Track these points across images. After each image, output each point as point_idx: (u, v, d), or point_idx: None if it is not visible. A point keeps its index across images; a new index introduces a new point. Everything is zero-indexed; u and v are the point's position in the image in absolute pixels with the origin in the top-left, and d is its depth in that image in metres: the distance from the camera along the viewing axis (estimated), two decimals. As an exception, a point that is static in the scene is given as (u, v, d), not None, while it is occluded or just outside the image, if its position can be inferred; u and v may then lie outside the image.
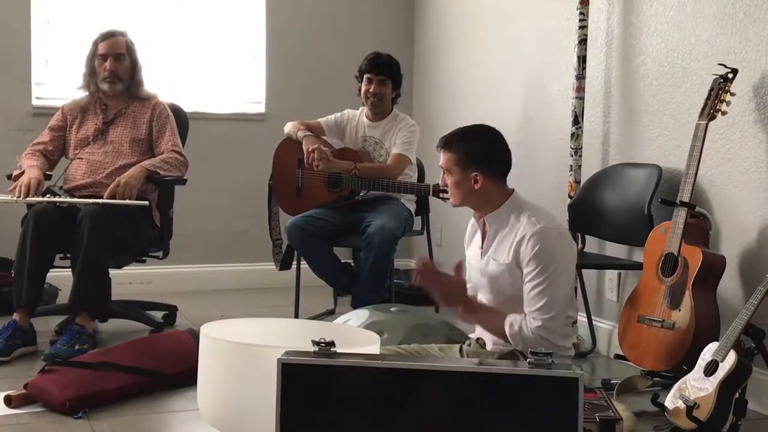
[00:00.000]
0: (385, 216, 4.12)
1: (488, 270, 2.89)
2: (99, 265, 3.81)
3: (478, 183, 2.83)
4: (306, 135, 4.31)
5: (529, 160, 4.39)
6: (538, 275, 2.74)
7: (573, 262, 2.86)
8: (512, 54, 4.71)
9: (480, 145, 2.84)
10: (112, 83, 4.10)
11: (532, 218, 2.79)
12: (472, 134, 2.88)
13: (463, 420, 2.11)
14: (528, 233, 2.76)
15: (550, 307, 2.73)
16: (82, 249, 3.72)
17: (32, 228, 3.72)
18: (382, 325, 3.48)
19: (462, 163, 2.83)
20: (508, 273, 2.81)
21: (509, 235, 2.82)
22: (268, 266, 4.64)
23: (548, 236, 2.76)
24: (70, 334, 3.69)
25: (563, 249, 2.80)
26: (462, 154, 2.83)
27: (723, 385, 2.70)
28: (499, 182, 2.87)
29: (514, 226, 2.81)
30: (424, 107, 5.56)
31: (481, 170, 2.82)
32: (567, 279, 2.80)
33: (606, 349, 3.93)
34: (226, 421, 2.71)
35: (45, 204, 3.81)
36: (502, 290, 2.86)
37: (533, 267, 2.74)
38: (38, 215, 3.75)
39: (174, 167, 4.09)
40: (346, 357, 2.19)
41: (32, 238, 3.71)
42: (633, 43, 3.86)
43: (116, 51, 4.10)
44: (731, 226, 3.34)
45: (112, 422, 2.94)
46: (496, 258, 2.85)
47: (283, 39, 5.44)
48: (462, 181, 2.85)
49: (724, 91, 3.22)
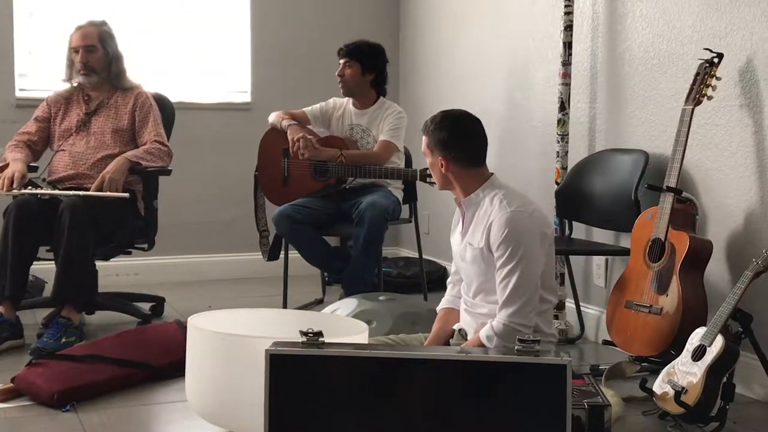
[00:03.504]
0: (375, 195, 4.12)
1: (466, 254, 2.90)
2: (81, 257, 3.78)
3: (443, 166, 2.88)
4: (290, 124, 4.29)
5: (516, 147, 4.39)
6: (507, 260, 2.74)
7: (547, 243, 2.83)
8: (498, 41, 4.70)
9: (442, 132, 2.87)
10: (86, 75, 4.08)
11: (504, 201, 2.79)
12: (440, 120, 2.90)
13: (452, 408, 2.11)
14: (497, 217, 2.76)
15: (519, 293, 2.73)
16: (63, 241, 3.71)
17: (13, 220, 3.71)
18: (371, 314, 3.48)
19: (429, 147, 2.91)
20: (482, 257, 2.82)
21: (483, 219, 2.83)
22: (255, 256, 4.62)
23: (518, 220, 2.75)
24: (57, 326, 3.67)
25: (533, 231, 2.78)
26: (430, 139, 2.90)
27: (711, 369, 2.71)
28: (468, 167, 2.88)
29: (487, 210, 2.83)
30: (410, 95, 5.55)
31: (444, 155, 2.87)
32: (537, 262, 2.78)
33: (594, 335, 3.94)
34: (214, 411, 2.71)
35: (26, 196, 3.80)
36: (478, 274, 2.87)
37: (502, 252, 2.75)
38: (19, 207, 3.74)
39: (157, 157, 4.06)
40: (334, 347, 2.19)
41: (13, 230, 3.70)
42: (618, 29, 3.85)
43: (86, 43, 4.07)
44: (718, 210, 3.34)
45: (100, 414, 2.93)
46: (472, 242, 2.86)
47: (269, 28, 5.42)
48: (432, 164, 2.93)
49: (709, 76, 3.22)
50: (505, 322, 2.72)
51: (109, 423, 2.87)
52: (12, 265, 3.70)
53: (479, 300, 2.89)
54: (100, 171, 3.96)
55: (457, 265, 3.03)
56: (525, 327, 2.73)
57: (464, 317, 2.97)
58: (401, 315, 3.51)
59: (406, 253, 5.56)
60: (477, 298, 2.90)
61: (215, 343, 2.66)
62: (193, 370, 2.73)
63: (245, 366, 2.51)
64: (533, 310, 2.76)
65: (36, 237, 3.81)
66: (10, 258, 3.70)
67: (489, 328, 2.76)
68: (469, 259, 2.89)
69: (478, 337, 2.79)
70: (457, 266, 3.03)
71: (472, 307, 2.93)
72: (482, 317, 2.85)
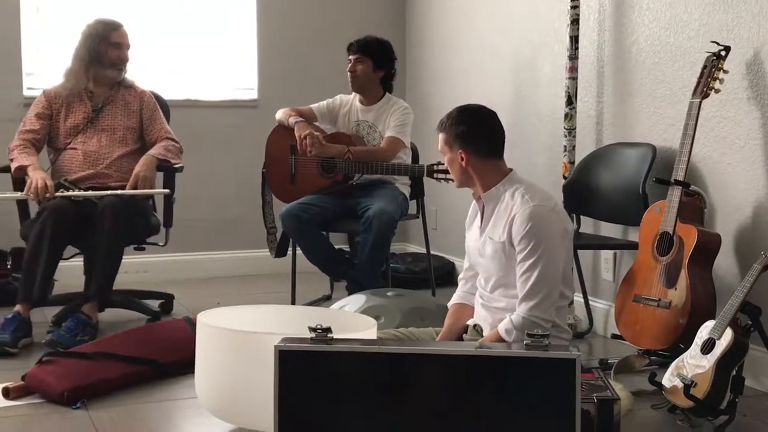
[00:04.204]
0: (383, 200, 4.11)
1: (485, 249, 2.90)
2: (118, 256, 3.88)
3: (463, 160, 2.87)
4: (297, 121, 4.29)
5: (523, 142, 4.38)
6: (529, 254, 2.74)
7: (567, 239, 2.85)
8: (505, 35, 4.70)
9: (460, 126, 2.88)
10: (119, 70, 4.14)
11: (526, 196, 2.80)
12: (458, 114, 2.92)
13: (461, 403, 2.12)
14: (520, 211, 2.77)
15: (540, 287, 2.73)
16: (105, 241, 3.77)
17: (51, 225, 3.71)
18: (379, 310, 3.48)
19: (448, 142, 2.90)
20: (503, 251, 2.82)
21: (504, 213, 2.83)
22: (263, 253, 4.63)
23: (540, 214, 2.76)
24: (76, 322, 3.69)
25: (555, 227, 2.80)
26: (447, 133, 2.90)
27: (720, 362, 2.71)
28: (487, 160, 2.89)
29: (509, 205, 2.83)
30: (417, 90, 5.55)
31: (464, 148, 2.86)
32: (559, 257, 2.79)
33: (603, 329, 3.94)
34: (224, 408, 2.72)
35: (59, 200, 3.80)
36: (498, 268, 2.86)
37: (524, 246, 2.75)
38: (57, 213, 3.74)
39: (174, 154, 4.15)
40: (343, 343, 2.19)
41: (50, 235, 3.71)
42: (625, 22, 3.85)
43: (128, 42, 4.16)
44: (726, 203, 3.34)
45: (110, 412, 2.94)
46: (492, 236, 2.86)
47: (275, 25, 5.42)
48: (451, 160, 2.92)
49: (717, 69, 3.22)
50: (525, 315, 2.73)
51: (119, 420, 2.88)
52: (44, 270, 3.71)
53: (498, 294, 2.89)
54: (119, 170, 4.03)
55: (473, 260, 3.03)
56: (545, 321, 2.73)
57: (480, 312, 2.97)
58: (409, 310, 3.52)
59: (414, 249, 5.56)
60: (496, 293, 2.90)
61: (225, 340, 2.67)
62: (202, 367, 2.74)
63: (254, 362, 2.52)
64: (553, 304, 2.77)
65: (68, 240, 3.85)
66: (44, 263, 3.70)
67: (508, 322, 2.76)
68: (489, 254, 2.88)
69: (497, 331, 2.79)
70: (473, 262, 3.02)
71: (489, 301, 2.92)
72: (500, 311, 2.85)
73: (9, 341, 3.55)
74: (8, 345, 3.54)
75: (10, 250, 4.64)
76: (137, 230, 4.02)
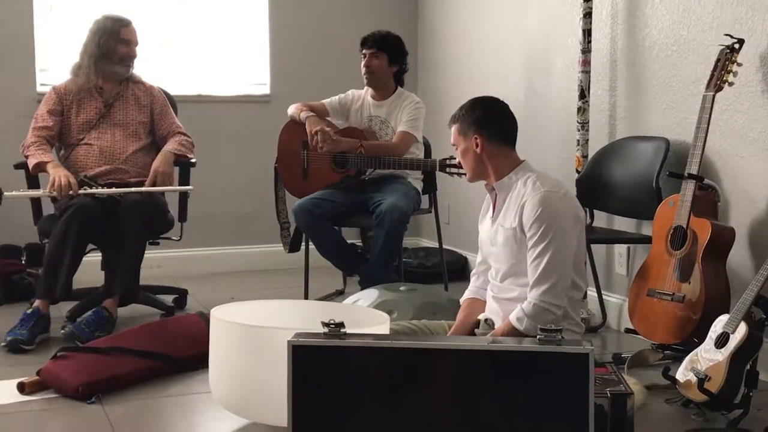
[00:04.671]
0: (395, 195, 4.11)
1: (497, 238, 2.90)
2: (142, 252, 3.92)
3: (478, 146, 2.88)
4: (309, 116, 4.29)
5: (536, 136, 4.37)
6: (539, 239, 2.75)
7: (579, 226, 2.85)
8: (517, 29, 4.69)
9: (476, 112, 2.91)
10: (128, 66, 4.16)
11: (537, 183, 2.82)
12: (472, 103, 2.96)
13: (474, 398, 2.12)
14: (531, 197, 2.79)
15: (550, 272, 2.73)
16: (131, 237, 3.82)
17: (77, 223, 3.73)
18: (392, 305, 3.48)
19: (462, 130, 2.92)
20: (514, 238, 2.83)
21: (516, 201, 2.85)
22: (276, 248, 4.64)
23: (550, 199, 2.78)
24: (97, 317, 3.72)
25: (566, 212, 2.81)
26: (461, 122, 2.93)
27: (734, 356, 2.70)
28: (502, 147, 2.91)
29: (520, 192, 2.85)
30: (429, 84, 5.54)
31: (479, 132, 2.88)
32: (570, 243, 2.79)
33: (616, 324, 3.93)
34: (238, 402, 2.72)
35: (83, 198, 3.82)
36: (510, 256, 2.87)
37: (534, 231, 2.76)
38: (83, 211, 3.76)
39: (188, 149, 4.18)
40: (356, 338, 2.20)
41: (76, 233, 3.72)
42: (638, 15, 3.83)
43: (137, 39, 4.17)
44: (740, 197, 3.32)
45: (125, 406, 2.95)
46: (504, 224, 2.88)
47: (287, 20, 5.42)
48: (466, 149, 2.92)
49: (730, 62, 3.20)
50: (536, 301, 2.73)
51: (133, 414, 2.90)
52: (68, 267, 3.72)
53: (509, 284, 2.89)
54: (134, 165, 4.06)
55: (485, 252, 3.03)
56: (556, 307, 2.74)
57: (491, 305, 2.97)
58: (422, 305, 3.51)
59: (427, 244, 5.55)
60: (506, 282, 2.90)
61: (238, 335, 2.68)
62: (216, 362, 2.75)
63: (268, 357, 2.53)
64: (564, 290, 2.77)
65: (91, 237, 3.88)
66: (68, 260, 3.72)
67: (519, 310, 2.76)
68: (500, 242, 2.89)
69: (508, 321, 2.79)
70: (486, 253, 3.03)
71: (500, 293, 2.93)
72: (510, 303, 2.86)
73: (26, 338, 3.57)
74: (25, 342, 3.56)
75: (24, 246, 4.66)
76: (156, 226, 4.06)
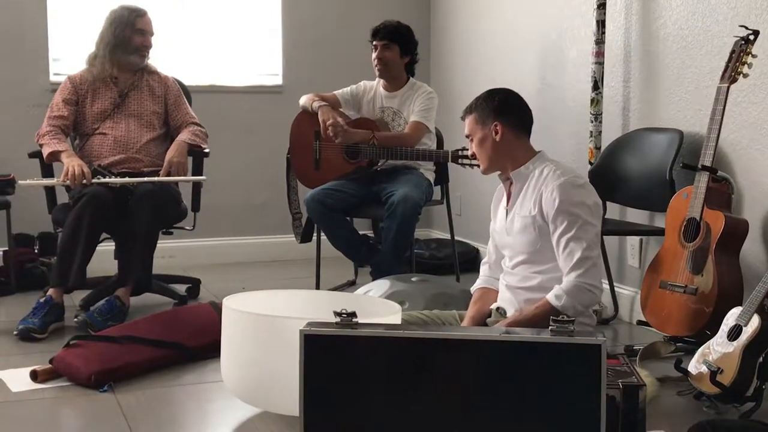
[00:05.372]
0: (407, 186, 4.11)
1: (513, 227, 2.90)
2: (155, 242, 3.93)
3: (498, 134, 2.89)
4: (321, 105, 4.29)
5: (549, 127, 4.36)
6: (567, 229, 2.77)
7: (599, 214, 2.86)
8: (530, 20, 4.67)
9: (494, 99, 2.93)
10: (143, 57, 4.16)
11: (557, 171, 2.84)
12: (488, 93, 2.98)
13: (486, 389, 2.12)
14: (552, 185, 2.80)
15: (586, 256, 2.74)
16: (144, 228, 3.82)
17: (90, 212, 3.74)
18: (403, 295, 3.49)
19: (481, 118, 2.92)
20: (533, 226, 2.84)
21: (534, 189, 2.86)
22: (288, 238, 4.64)
23: (572, 188, 2.80)
24: (110, 306, 3.74)
25: (587, 200, 2.82)
26: (479, 110, 2.93)
27: (747, 349, 2.69)
28: (520, 135, 2.93)
29: (538, 180, 2.86)
30: (441, 75, 5.53)
31: (499, 119, 2.89)
32: (596, 228, 2.82)
33: (628, 316, 3.93)
34: (250, 392, 2.73)
35: (96, 187, 3.83)
36: (527, 244, 2.87)
37: (561, 221, 2.77)
38: (96, 199, 3.77)
39: (202, 140, 4.20)
40: (368, 327, 2.20)
41: (89, 222, 3.73)
42: (652, 6, 3.81)
43: (152, 29, 4.18)
44: (754, 189, 3.31)
45: (137, 395, 2.97)
46: (521, 213, 2.88)
47: (299, 10, 5.41)
48: (484, 137, 2.92)
49: (745, 53, 3.18)
50: (575, 282, 2.73)
51: (146, 403, 2.91)
52: (81, 256, 3.73)
53: (524, 271, 2.90)
54: (148, 154, 4.07)
55: (499, 242, 3.03)
56: (595, 288, 2.75)
57: (504, 294, 2.97)
58: (434, 296, 3.52)
59: (438, 235, 5.55)
60: (521, 269, 2.91)
61: (250, 324, 2.68)
62: (228, 351, 2.76)
63: (280, 346, 2.53)
64: (600, 272, 2.80)
65: (104, 227, 3.89)
66: (82, 249, 3.73)
67: (558, 289, 2.76)
68: (517, 230, 2.89)
69: (544, 300, 2.77)
70: (500, 243, 3.03)
71: (513, 281, 2.94)
72: (524, 291, 2.88)
73: (38, 326, 3.58)
74: (37, 331, 3.57)
75: (37, 235, 4.68)
76: (170, 216, 4.07)
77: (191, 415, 2.91)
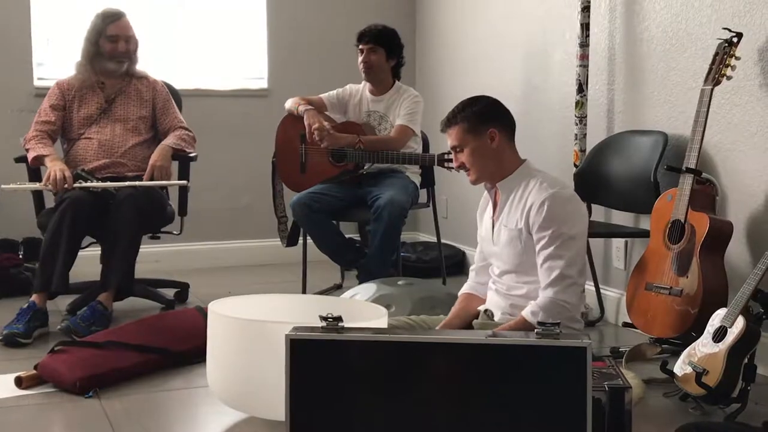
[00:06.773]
0: (393, 189, 4.11)
1: (500, 238, 2.89)
2: (137, 246, 3.90)
3: (494, 140, 2.85)
4: (307, 109, 4.28)
5: (534, 130, 4.37)
6: (549, 242, 2.75)
7: (585, 227, 2.86)
8: (515, 23, 4.68)
9: (483, 105, 2.88)
10: (120, 63, 4.12)
11: (544, 184, 2.81)
12: (470, 101, 2.91)
13: (472, 392, 2.12)
14: (538, 199, 2.78)
15: (564, 274, 2.74)
16: (124, 231, 3.80)
17: (70, 216, 3.72)
18: (390, 299, 3.48)
19: (472, 127, 2.85)
20: (519, 239, 2.83)
21: (520, 201, 2.84)
22: (274, 242, 4.63)
23: (558, 201, 2.77)
24: (93, 312, 3.71)
25: (574, 213, 2.81)
26: (469, 119, 2.85)
27: (732, 350, 2.70)
28: (510, 141, 2.90)
29: (525, 192, 2.84)
30: (427, 79, 5.54)
31: (494, 125, 2.85)
32: (580, 243, 2.81)
33: (614, 318, 3.94)
34: (235, 397, 2.72)
35: (78, 191, 3.81)
36: (513, 256, 2.86)
37: (544, 233, 2.76)
38: (76, 204, 3.76)
39: (188, 144, 4.18)
40: (354, 332, 2.19)
41: (69, 227, 3.72)
42: (636, 9, 3.83)
43: (127, 33, 4.13)
44: (738, 191, 3.32)
45: (123, 400, 2.95)
46: (507, 224, 2.86)
47: (285, 13, 5.41)
48: (478, 145, 2.85)
49: (728, 56, 3.20)
50: (552, 298, 2.74)
51: (131, 409, 2.89)
52: (63, 261, 3.71)
53: (511, 281, 2.90)
54: (133, 158, 4.06)
55: (485, 249, 3.03)
56: (570, 305, 2.75)
57: (492, 298, 2.97)
58: (420, 299, 3.52)
59: (425, 238, 5.56)
60: (509, 279, 2.91)
61: (236, 329, 2.67)
62: (214, 356, 2.75)
63: (266, 351, 2.53)
64: (578, 289, 2.79)
65: (86, 230, 3.87)
66: (63, 253, 3.71)
67: (533, 305, 2.76)
68: (503, 242, 2.89)
69: (519, 317, 2.78)
70: (486, 251, 3.02)
71: (502, 288, 2.94)
72: (512, 298, 2.88)
73: (22, 332, 3.56)
74: (21, 336, 3.55)
75: (21, 240, 4.66)
76: (154, 220, 4.05)
77: (177, 421, 2.90)
